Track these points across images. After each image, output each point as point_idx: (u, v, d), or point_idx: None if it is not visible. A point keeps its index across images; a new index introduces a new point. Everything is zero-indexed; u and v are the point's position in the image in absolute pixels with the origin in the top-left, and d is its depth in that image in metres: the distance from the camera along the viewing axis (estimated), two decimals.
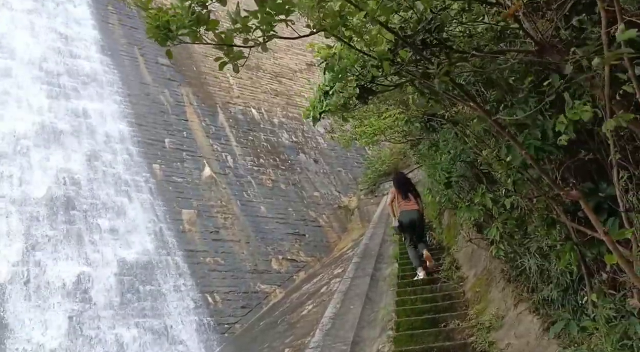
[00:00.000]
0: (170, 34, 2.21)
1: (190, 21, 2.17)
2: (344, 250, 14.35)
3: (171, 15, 2.19)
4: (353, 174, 19.73)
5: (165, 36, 2.24)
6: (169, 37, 2.23)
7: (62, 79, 13.91)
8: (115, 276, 10.81)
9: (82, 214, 11.44)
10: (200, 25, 2.26)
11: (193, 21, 2.19)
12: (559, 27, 2.72)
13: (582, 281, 3.63)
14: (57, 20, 15.34)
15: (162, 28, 2.21)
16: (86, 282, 10.37)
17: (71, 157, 12.35)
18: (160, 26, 2.20)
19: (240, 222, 14.27)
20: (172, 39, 2.23)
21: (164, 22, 2.19)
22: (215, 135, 16.31)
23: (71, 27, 15.42)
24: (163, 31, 2.22)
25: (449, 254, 7.56)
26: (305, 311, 9.28)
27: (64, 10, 15.77)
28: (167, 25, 2.19)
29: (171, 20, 2.18)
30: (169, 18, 2.18)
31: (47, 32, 14.79)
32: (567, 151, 3.26)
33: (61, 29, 15.16)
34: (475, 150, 4.23)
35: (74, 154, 12.48)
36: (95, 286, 10.40)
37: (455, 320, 5.55)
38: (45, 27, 14.87)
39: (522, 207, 4.08)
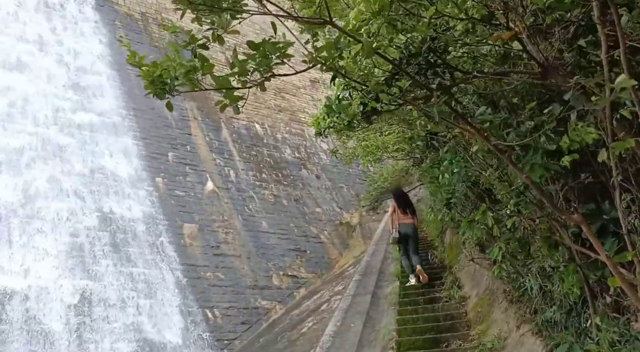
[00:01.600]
0: (167, 87, 2.23)
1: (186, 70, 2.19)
2: (345, 267, 14.26)
3: (162, 69, 2.20)
4: (355, 191, 19.72)
5: (162, 90, 2.26)
6: (165, 91, 2.25)
7: (68, 92, 14.06)
8: (114, 289, 10.75)
9: (83, 227, 11.43)
10: (196, 71, 2.29)
11: (189, 69, 2.21)
12: (562, 50, 2.74)
13: (585, 304, 3.60)
14: (65, 34, 15.58)
15: (157, 83, 2.23)
16: (87, 296, 10.32)
17: (74, 170, 12.41)
18: (154, 81, 2.22)
19: (241, 237, 14.23)
20: (169, 92, 2.25)
21: (157, 77, 2.21)
22: (219, 150, 16.39)
23: (78, 41, 15.65)
24: (159, 85, 2.24)
25: (451, 273, 7.50)
26: (305, 328, 9.19)
27: (72, 24, 16.02)
28: (161, 79, 2.21)
29: (164, 73, 2.20)
30: (161, 72, 2.20)
31: (54, 45, 15.01)
32: (570, 173, 3.26)
33: (68, 43, 15.38)
34: (478, 169, 4.23)
35: (78, 166, 12.54)
36: (95, 300, 10.34)
37: (457, 340, 5.48)
38: (52, 40, 15.10)
39: (525, 228, 4.06)
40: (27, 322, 9.41)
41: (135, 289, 11.03)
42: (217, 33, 2.33)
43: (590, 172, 3.19)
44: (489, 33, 2.69)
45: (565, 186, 3.30)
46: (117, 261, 11.29)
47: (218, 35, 2.28)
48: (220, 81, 2.29)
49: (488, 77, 2.98)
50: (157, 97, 2.31)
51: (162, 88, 2.25)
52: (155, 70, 2.22)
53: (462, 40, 2.66)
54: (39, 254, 10.45)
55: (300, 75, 19.23)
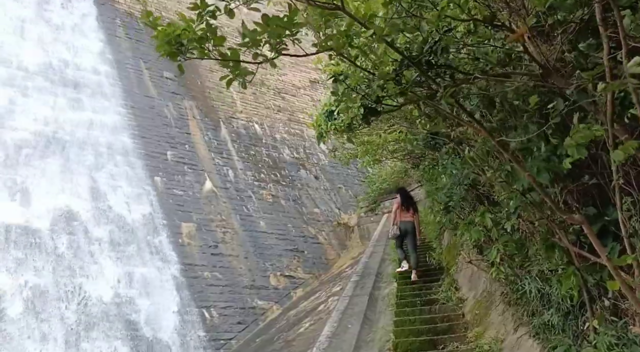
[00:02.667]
0: (182, 49, 2.22)
1: (200, 34, 2.17)
2: (343, 268, 14.24)
3: (183, 29, 2.19)
4: (354, 192, 19.72)
5: (177, 51, 2.24)
6: (180, 52, 2.24)
7: (67, 90, 14.03)
8: (112, 288, 10.72)
9: (81, 225, 11.40)
10: (207, 41, 2.27)
11: (203, 35, 2.19)
12: (564, 52, 2.74)
13: (583, 307, 3.59)
14: (65, 31, 15.55)
15: (173, 43, 2.21)
16: (83, 293, 10.28)
17: (73, 168, 12.37)
18: (171, 41, 2.20)
19: (239, 237, 14.21)
20: (183, 54, 2.23)
21: (176, 37, 2.20)
22: (217, 149, 16.36)
23: (78, 38, 15.61)
24: (174, 46, 2.22)
25: (448, 275, 7.50)
26: (302, 328, 9.17)
27: (72, 21, 15.99)
28: (178, 39, 2.20)
29: (183, 34, 2.19)
30: (180, 32, 2.19)
31: (53, 43, 14.97)
32: (571, 175, 3.25)
33: (68, 40, 15.34)
34: (478, 171, 4.22)
35: (76, 164, 12.50)
36: (92, 298, 10.31)
37: (454, 342, 5.48)
38: (52, 38, 15.06)
39: (524, 230, 4.05)
40: (25, 321, 9.37)
41: (133, 288, 11.00)
42: (230, 7, 2.30)
43: (590, 175, 3.18)
44: (490, 34, 2.68)
45: (565, 189, 3.30)
46: (115, 260, 11.26)
47: (230, 9, 2.25)
48: (230, 53, 2.26)
49: (489, 78, 2.98)
50: (170, 58, 2.28)
51: (178, 49, 2.22)
52: (173, 29, 2.19)
53: (463, 41, 2.65)
54: (32, 251, 10.41)
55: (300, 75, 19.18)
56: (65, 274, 10.41)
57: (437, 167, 6.26)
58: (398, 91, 2.63)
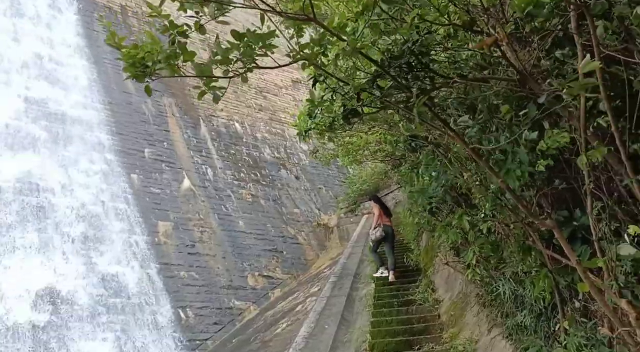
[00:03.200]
0: (147, 71, 2.19)
1: (167, 55, 2.15)
2: (322, 268, 14.25)
3: (146, 52, 2.16)
4: (334, 192, 19.76)
5: (143, 73, 2.21)
6: (146, 74, 2.21)
7: (43, 83, 13.67)
8: (85, 287, 10.48)
9: (54, 222, 11.12)
10: (176, 58, 2.25)
11: (170, 54, 2.17)
12: (540, 58, 2.79)
13: (555, 308, 3.67)
14: (42, 24, 15.14)
15: (138, 65, 2.19)
16: (55, 292, 10.02)
17: (47, 164, 12.06)
18: (136, 63, 2.17)
19: (217, 236, 14.07)
20: (149, 75, 2.21)
21: (140, 60, 2.17)
22: (197, 148, 16.17)
23: (55, 32, 15.23)
24: (139, 68, 2.19)
25: (426, 276, 7.57)
26: (279, 329, 9.13)
27: (49, 15, 15.59)
28: (143, 62, 2.17)
29: (147, 57, 2.16)
30: (144, 55, 2.16)
31: (29, 36, 14.56)
32: (545, 179, 3.32)
33: (45, 33, 14.95)
34: (456, 173, 4.28)
35: (50, 160, 12.19)
36: (64, 297, 10.05)
37: (430, 343, 5.53)
38: (27, 30, 14.65)
39: (499, 232, 4.12)
40: None
41: (106, 288, 10.77)
42: (201, 22, 2.28)
43: (563, 179, 3.25)
44: (470, 39, 2.72)
45: (539, 192, 3.36)
46: (88, 259, 11.01)
47: (200, 25, 2.24)
48: (202, 68, 2.24)
49: (468, 82, 3.02)
50: (137, 80, 2.25)
51: (143, 71, 2.19)
52: (137, 52, 2.16)
53: (443, 44, 2.68)
54: (7, 249, 10.10)
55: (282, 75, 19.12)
56: (35, 271, 10.12)
57: (417, 169, 6.31)
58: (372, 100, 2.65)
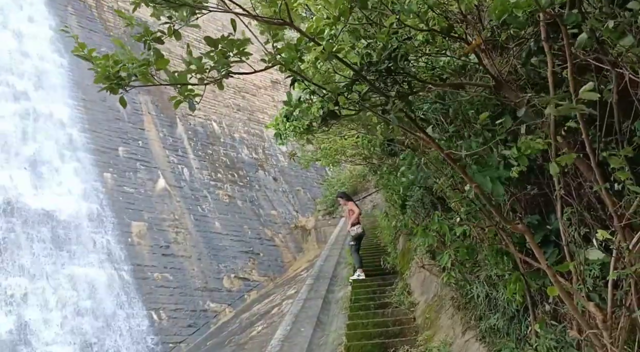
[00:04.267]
0: (122, 82, 2.15)
1: (140, 64, 2.11)
2: (299, 271, 14.21)
3: (122, 65, 2.11)
4: (312, 194, 19.74)
5: (117, 85, 2.17)
6: (120, 86, 2.17)
7: (12, 78, 13.23)
8: (54, 289, 10.18)
9: (22, 222, 10.76)
10: (149, 65, 2.21)
11: (144, 63, 2.13)
12: (516, 66, 2.84)
13: (527, 311, 3.73)
14: (11, 17, 14.66)
15: (112, 77, 2.14)
16: (22, 295, 9.69)
17: (14, 161, 11.67)
18: (110, 76, 2.13)
19: (192, 237, 13.87)
20: (123, 86, 2.17)
21: (115, 73, 2.13)
22: (173, 147, 15.93)
23: (26, 25, 14.77)
24: (114, 80, 2.15)
25: (402, 279, 7.62)
26: (254, 332, 9.05)
27: (19, 7, 15.11)
28: (117, 75, 2.13)
29: (122, 69, 2.12)
30: (119, 69, 2.11)
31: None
32: (519, 184, 3.37)
33: (15, 27, 14.48)
34: (433, 177, 4.32)
35: (19, 158, 11.80)
36: (32, 300, 9.74)
37: (405, 346, 5.56)
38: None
39: (474, 236, 4.17)
40: None
41: (77, 289, 10.49)
42: (175, 27, 2.25)
43: (536, 184, 3.32)
44: (448, 45, 2.75)
45: (512, 197, 3.42)
46: (57, 259, 10.70)
47: (175, 29, 2.20)
48: (176, 77, 2.20)
49: (444, 88, 3.05)
50: (111, 92, 2.21)
51: (117, 83, 2.15)
52: (111, 64, 2.11)
53: (421, 50, 2.70)
54: None
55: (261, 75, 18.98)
56: (1, 272, 9.78)
57: (395, 172, 6.35)
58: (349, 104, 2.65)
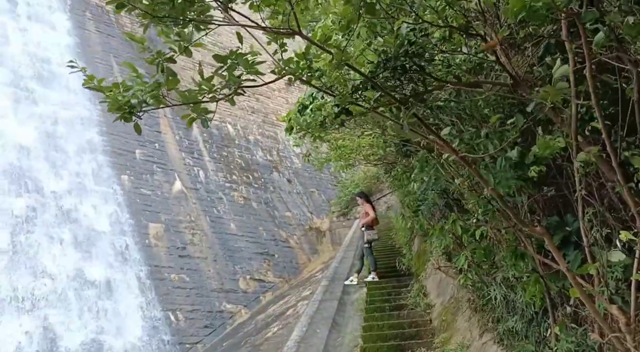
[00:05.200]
0: (134, 110, 2.19)
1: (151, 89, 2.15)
2: (314, 272, 14.21)
3: (132, 95, 2.16)
4: (326, 196, 19.74)
5: (130, 114, 2.22)
6: (133, 113, 2.21)
7: (31, 82, 13.52)
8: (75, 290, 10.35)
9: (43, 224, 10.97)
10: (160, 88, 2.24)
11: (154, 86, 2.17)
12: (534, 64, 2.80)
13: (546, 314, 3.67)
14: (31, 22, 14.99)
15: (125, 107, 2.19)
16: (44, 296, 9.88)
17: (35, 165, 11.91)
18: (122, 107, 2.18)
19: (208, 239, 13.98)
20: (136, 113, 2.21)
21: (126, 102, 2.17)
22: (189, 149, 16.08)
23: (45, 30, 15.08)
24: (127, 109, 2.20)
25: (418, 281, 7.57)
26: (270, 333, 9.07)
27: (39, 13, 15.44)
28: (128, 104, 2.17)
29: (133, 97, 2.16)
30: (129, 99, 2.15)
31: (18, 34, 14.41)
32: (537, 185, 3.32)
33: (34, 31, 14.80)
34: (449, 178, 4.28)
35: (39, 161, 12.04)
36: (54, 301, 9.92)
37: (422, 348, 5.52)
38: (17, 28, 14.50)
39: (491, 238, 4.12)
40: None
41: (96, 290, 10.65)
42: (184, 45, 2.29)
43: (555, 185, 3.26)
44: (464, 42, 2.72)
45: (530, 198, 3.37)
46: (77, 260, 10.88)
47: (185, 47, 2.24)
48: (187, 95, 2.24)
49: (461, 86, 3.02)
50: (124, 121, 2.27)
51: (130, 112, 2.21)
52: (122, 95, 2.17)
53: (438, 47, 2.68)
54: None
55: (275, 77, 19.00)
56: (23, 273, 9.98)
57: (409, 173, 6.31)
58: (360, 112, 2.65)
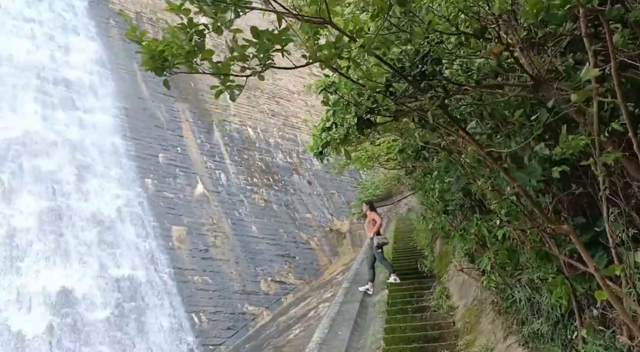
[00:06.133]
0: (166, 64, 2.20)
1: (188, 48, 2.16)
2: (334, 274, 14.22)
3: (165, 45, 2.17)
4: (346, 197, 19.73)
5: (162, 66, 2.22)
6: (164, 68, 2.22)
7: (58, 89, 13.94)
8: (100, 290, 10.61)
9: (70, 227, 11.29)
10: (195, 55, 2.26)
11: (190, 50, 2.18)
12: (554, 64, 2.77)
13: (572, 316, 3.61)
14: (57, 30, 15.46)
15: (157, 58, 2.20)
16: (70, 295, 10.16)
17: (62, 169, 12.27)
18: (155, 57, 2.18)
19: (230, 241, 14.14)
20: (168, 69, 2.22)
21: (159, 52, 2.18)
22: (210, 153, 16.31)
23: (71, 37, 15.53)
24: (158, 62, 2.20)
25: (440, 283, 7.51)
26: (292, 335, 9.12)
27: (65, 20, 15.91)
28: (162, 55, 2.18)
29: (167, 49, 2.17)
30: (163, 48, 2.17)
31: (46, 41, 14.88)
32: (561, 185, 3.28)
33: (61, 39, 15.26)
34: (470, 179, 4.25)
35: (66, 165, 12.40)
36: (79, 300, 10.18)
37: (445, 350, 5.47)
38: (44, 36, 14.97)
39: (515, 238, 4.07)
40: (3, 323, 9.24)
41: (121, 291, 10.89)
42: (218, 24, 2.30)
43: (580, 185, 3.21)
44: (482, 46, 2.71)
45: (555, 198, 3.32)
46: (103, 262, 11.15)
47: (218, 26, 2.25)
48: (219, 66, 2.25)
49: (480, 90, 3.00)
50: (155, 73, 2.25)
51: (162, 65, 2.21)
52: (157, 45, 2.17)
53: (455, 53, 2.68)
54: (19, 251, 10.27)
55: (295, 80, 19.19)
56: (50, 273, 10.27)
57: (430, 175, 6.28)
58: (388, 104, 2.65)
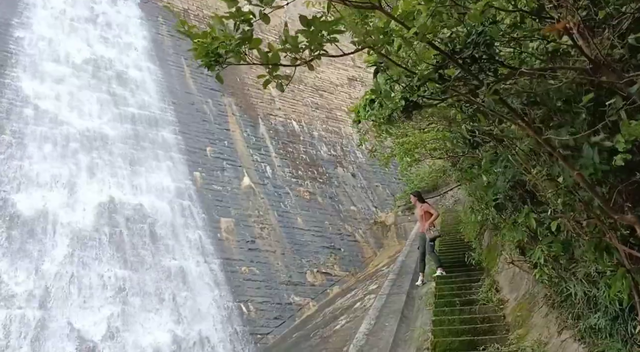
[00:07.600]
0: (220, 60, 2.27)
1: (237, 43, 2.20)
2: (379, 266, 14.18)
3: (220, 41, 2.23)
4: (391, 190, 19.57)
5: (215, 62, 2.29)
6: (218, 63, 2.28)
7: (112, 86, 14.64)
8: (154, 281, 11.11)
9: (124, 219, 11.86)
10: (243, 45, 2.30)
11: (239, 42, 2.22)
12: (614, 46, 2.63)
13: (633, 310, 3.44)
14: (110, 29, 16.22)
15: (211, 54, 2.26)
16: (125, 285, 10.69)
17: (117, 163, 12.90)
18: (209, 53, 2.25)
19: (276, 233, 14.40)
20: (221, 63, 2.28)
21: (214, 49, 2.25)
22: (256, 146, 16.63)
23: (122, 36, 16.26)
24: (212, 57, 2.27)
25: (489, 276, 7.34)
26: (338, 325, 9.21)
27: (117, 20, 16.65)
28: (216, 51, 2.25)
29: (220, 46, 2.23)
30: (218, 44, 2.23)
31: (99, 40, 15.65)
32: (621, 174, 3.11)
33: (114, 37, 16.01)
34: (522, 169, 4.11)
35: (120, 159, 13.03)
36: (133, 290, 10.71)
37: (495, 343, 5.36)
38: (98, 35, 15.75)
39: (569, 230, 3.91)
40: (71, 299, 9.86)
41: (172, 281, 11.36)
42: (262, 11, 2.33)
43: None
44: (538, 27, 2.60)
45: (612, 189, 3.16)
46: (155, 253, 11.66)
47: (264, 14, 2.28)
48: (270, 56, 2.28)
49: (535, 73, 2.89)
50: (208, 69, 2.33)
51: (215, 60, 2.28)
52: (210, 41, 2.24)
53: (509, 34, 2.59)
54: (77, 243, 10.88)
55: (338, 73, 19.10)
56: (105, 264, 10.82)
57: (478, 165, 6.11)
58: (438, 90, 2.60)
